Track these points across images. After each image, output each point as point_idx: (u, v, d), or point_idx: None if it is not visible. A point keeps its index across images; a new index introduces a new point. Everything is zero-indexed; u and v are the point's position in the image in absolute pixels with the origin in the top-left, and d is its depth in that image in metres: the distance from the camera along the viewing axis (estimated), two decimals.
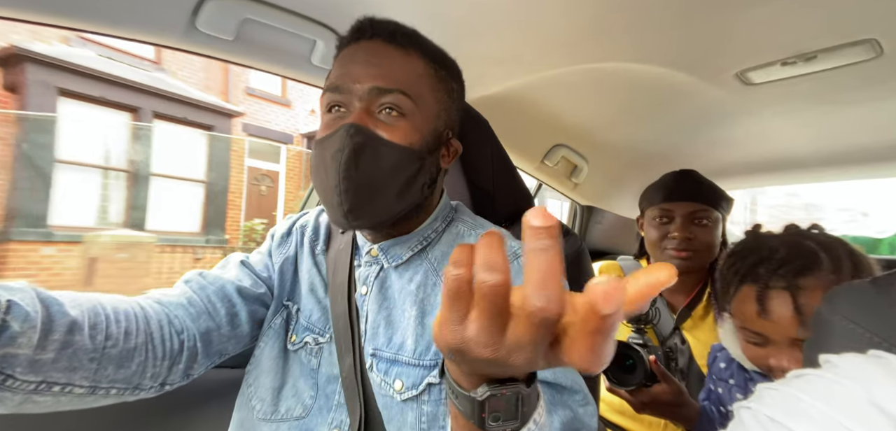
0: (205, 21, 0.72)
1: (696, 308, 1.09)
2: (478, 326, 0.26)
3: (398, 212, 0.57)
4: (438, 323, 0.29)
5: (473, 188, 0.81)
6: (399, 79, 0.55)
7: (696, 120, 1.24)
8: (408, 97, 0.54)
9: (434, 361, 0.55)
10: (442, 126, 0.60)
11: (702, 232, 1.07)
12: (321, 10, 0.78)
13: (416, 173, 0.56)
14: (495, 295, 0.25)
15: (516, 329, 0.26)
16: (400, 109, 0.54)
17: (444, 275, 0.27)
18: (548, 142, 1.38)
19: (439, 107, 0.59)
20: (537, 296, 0.24)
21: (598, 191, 1.70)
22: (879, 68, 0.87)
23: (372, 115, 0.54)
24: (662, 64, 0.94)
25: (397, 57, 0.56)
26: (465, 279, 0.27)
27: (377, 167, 0.53)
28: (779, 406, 0.30)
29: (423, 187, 0.58)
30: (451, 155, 0.63)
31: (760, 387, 0.34)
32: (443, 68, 0.60)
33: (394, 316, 0.58)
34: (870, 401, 0.28)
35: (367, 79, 0.54)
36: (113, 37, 0.73)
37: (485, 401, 0.30)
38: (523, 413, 0.31)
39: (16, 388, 0.44)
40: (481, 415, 0.30)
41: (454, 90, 0.62)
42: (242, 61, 0.84)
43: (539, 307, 0.24)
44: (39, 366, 0.45)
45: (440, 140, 0.60)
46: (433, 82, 0.58)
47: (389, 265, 0.61)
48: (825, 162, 1.46)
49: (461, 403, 0.31)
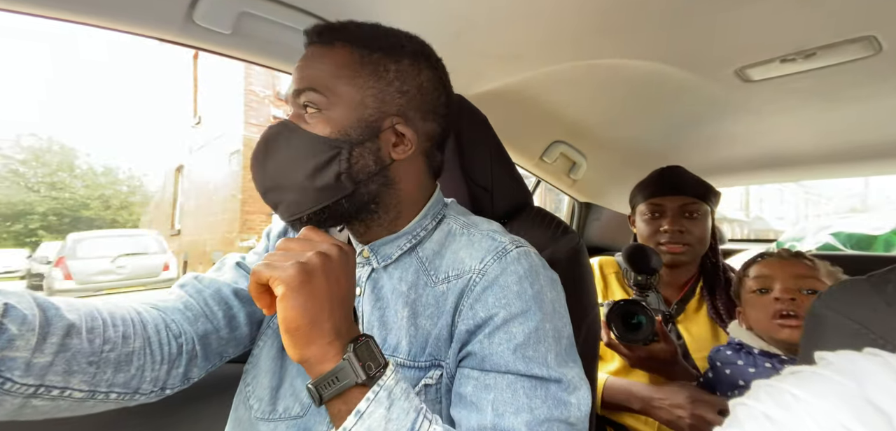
0: (202, 14, 0.72)
1: (689, 302, 1.10)
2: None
3: (314, 201, 0.55)
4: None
5: (471, 184, 0.80)
6: (310, 78, 0.55)
7: (694, 116, 1.24)
8: (317, 92, 0.55)
9: (429, 362, 0.55)
10: (372, 114, 0.55)
11: (692, 225, 1.08)
12: (319, 4, 0.78)
13: (325, 162, 0.54)
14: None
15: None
16: (315, 105, 0.55)
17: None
18: (546, 139, 1.37)
19: (363, 95, 0.55)
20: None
21: (597, 188, 1.70)
22: (878, 65, 0.87)
23: (301, 117, 0.56)
24: (661, 60, 0.93)
25: (318, 54, 0.57)
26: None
27: (284, 154, 0.55)
28: (774, 402, 0.31)
29: (340, 178, 0.54)
30: (406, 144, 0.58)
31: (756, 384, 0.34)
32: (376, 51, 0.56)
33: (387, 316, 0.58)
34: (865, 398, 0.28)
35: (293, 83, 0.57)
36: (110, 30, 0.72)
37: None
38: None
39: (14, 392, 0.44)
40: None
41: (390, 71, 0.57)
42: (239, 55, 0.83)
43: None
44: (37, 369, 0.45)
45: (375, 129, 0.56)
46: (354, 70, 0.55)
47: (379, 264, 0.61)
48: (824, 158, 1.46)
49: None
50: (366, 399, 0.43)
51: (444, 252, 0.59)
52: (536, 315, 0.52)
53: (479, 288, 0.53)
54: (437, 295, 0.56)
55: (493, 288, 0.52)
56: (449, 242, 0.60)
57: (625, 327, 0.95)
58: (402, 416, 0.44)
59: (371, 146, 0.56)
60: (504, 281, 0.53)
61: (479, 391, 0.49)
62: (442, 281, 0.57)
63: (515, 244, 0.57)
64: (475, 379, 0.50)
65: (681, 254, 1.08)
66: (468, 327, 0.52)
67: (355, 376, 0.44)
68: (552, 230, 0.78)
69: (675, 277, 1.13)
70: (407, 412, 0.44)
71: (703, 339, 1.04)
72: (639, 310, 0.94)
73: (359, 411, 0.43)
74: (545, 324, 0.52)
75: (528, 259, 0.55)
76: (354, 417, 0.43)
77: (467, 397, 0.50)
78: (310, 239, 0.50)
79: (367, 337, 0.46)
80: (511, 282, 0.53)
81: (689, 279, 1.13)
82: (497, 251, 0.55)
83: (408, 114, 0.58)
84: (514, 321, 0.51)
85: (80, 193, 16.06)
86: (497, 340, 0.51)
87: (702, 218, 1.09)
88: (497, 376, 0.50)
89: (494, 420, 0.47)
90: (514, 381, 0.49)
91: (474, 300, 0.53)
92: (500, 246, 0.56)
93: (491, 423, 0.47)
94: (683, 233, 1.08)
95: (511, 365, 0.49)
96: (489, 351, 0.50)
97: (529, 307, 0.52)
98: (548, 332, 0.52)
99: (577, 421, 0.50)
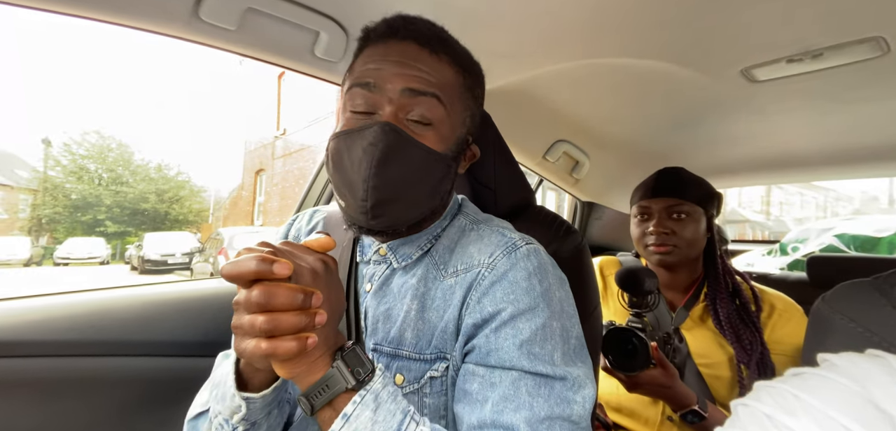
0: (208, 10, 0.72)
1: (693, 307, 1.09)
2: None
3: (416, 216, 0.57)
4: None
5: (475, 183, 0.80)
6: (432, 84, 0.54)
7: (699, 116, 1.23)
8: (440, 102, 0.54)
9: (434, 354, 0.55)
10: (466, 133, 0.60)
11: (680, 227, 1.07)
12: (325, 1, 0.78)
13: (441, 178, 0.56)
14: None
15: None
16: (430, 115, 0.54)
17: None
18: (549, 138, 1.37)
19: (466, 114, 0.59)
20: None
21: (599, 188, 1.70)
22: (886, 66, 0.87)
23: (401, 120, 0.54)
24: (667, 59, 0.93)
25: (429, 61, 0.55)
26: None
27: (408, 168, 0.53)
28: (776, 404, 0.31)
29: (445, 193, 0.58)
30: (468, 159, 0.63)
31: (758, 385, 0.34)
32: (470, 75, 0.60)
33: (393, 310, 0.59)
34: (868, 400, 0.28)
35: (401, 80, 0.53)
36: (116, 25, 0.72)
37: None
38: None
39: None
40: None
41: (478, 96, 0.62)
42: (245, 52, 0.83)
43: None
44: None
45: (463, 146, 0.60)
46: (461, 90, 0.58)
47: (398, 264, 0.61)
48: (830, 159, 1.45)
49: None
50: (352, 403, 0.44)
51: (454, 247, 0.60)
52: (544, 312, 0.52)
53: (487, 282, 0.53)
54: (445, 288, 0.56)
55: (502, 283, 0.53)
56: (460, 237, 0.61)
57: (620, 353, 0.94)
58: (389, 418, 0.44)
59: (458, 163, 0.60)
60: (513, 277, 0.53)
61: (483, 388, 0.50)
62: (451, 274, 0.57)
63: (525, 241, 0.57)
64: (480, 376, 0.50)
65: (667, 255, 1.07)
66: (475, 321, 0.52)
67: (345, 382, 0.45)
68: (555, 229, 0.78)
69: (676, 279, 1.12)
70: (393, 414, 0.45)
71: (707, 349, 1.03)
72: (632, 337, 0.93)
73: (346, 414, 0.44)
74: (553, 322, 0.52)
75: (537, 256, 0.56)
76: (341, 420, 0.44)
77: (472, 393, 0.50)
78: (294, 255, 0.48)
79: (354, 344, 0.47)
80: (520, 278, 0.53)
81: (694, 281, 1.12)
82: (507, 246, 0.55)
83: (475, 134, 0.63)
84: (521, 317, 0.51)
85: (140, 188, 18.33)
86: (503, 335, 0.51)
87: (691, 219, 1.07)
88: (501, 372, 0.50)
89: (494, 416, 0.47)
90: (518, 378, 0.49)
91: (482, 294, 0.53)
92: (510, 242, 0.56)
93: (490, 419, 0.48)
94: (669, 235, 1.07)
95: (516, 361, 0.49)
96: (495, 345, 0.51)
97: (537, 304, 0.52)
98: (555, 330, 0.52)
99: (581, 419, 0.50)
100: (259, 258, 0.41)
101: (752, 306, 1.03)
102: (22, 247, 13.67)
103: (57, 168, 17.17)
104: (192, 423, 0.58)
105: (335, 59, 0.88)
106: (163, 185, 18.73)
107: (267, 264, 0.41)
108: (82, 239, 15.34)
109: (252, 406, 0.49)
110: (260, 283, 0.41)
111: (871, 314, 0.40)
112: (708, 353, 1.02)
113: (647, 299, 1.02)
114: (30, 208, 17.22)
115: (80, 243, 14.68)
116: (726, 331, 1.00)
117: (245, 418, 0.49)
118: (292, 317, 0.41)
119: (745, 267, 2.20)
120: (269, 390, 0.50)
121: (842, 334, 0.42)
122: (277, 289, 0.41)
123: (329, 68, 0.91)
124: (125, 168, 18.47)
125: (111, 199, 17.22)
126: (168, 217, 18.20)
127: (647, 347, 0.91)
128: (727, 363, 0.99)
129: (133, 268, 13.00)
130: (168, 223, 18.05)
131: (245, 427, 0.50)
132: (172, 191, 18.75)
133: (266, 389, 0.50)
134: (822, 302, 0.47)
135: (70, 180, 17.24)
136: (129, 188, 18.01)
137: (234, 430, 0.50)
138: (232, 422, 0.49)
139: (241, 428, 0.50)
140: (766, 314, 1.02)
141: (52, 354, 0.86)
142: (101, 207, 16.87)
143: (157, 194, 18.30)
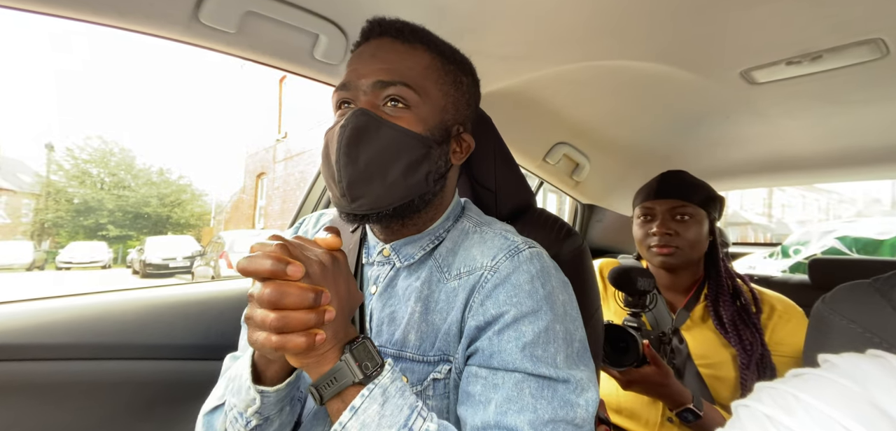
0: (208, 14, 0.72)
1: (694, 308, 1.09)
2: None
3: (399, 198, 0.56)
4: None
5: (476, 185, 0.80)
6: (401, 72, 0.56)
7: (699, 119, 1.23)
8: (410, 88, 0.55)
9: (438, 357, 0.55)
10: (450, 119, 0.60)
11: (682, 228, 1.07)
12: (324, 4, 0.78)
13: (419, 159, 0.56)
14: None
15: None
16: (404, 101, 0.55)
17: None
18: (550, 140, 1.37)
19: (446, 100, 0.59)
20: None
21: (600, 190, 1.70)
22: (886, 68, 0.86)
23: (377, 107, 0.56)
24: (667, 62, 0.93)
25: (402, 50, 0.57)
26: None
27: (378, 147, 0.54)
28: (776, 405, 0.30)
29: (428, 177, 0.57)
30: (462, 151, 0.63)
31: (759, 386, 0.34)
32: (451, 62, 0.61)
33: (397, 312, 0.59)
34: (869, 401, 0.28)
35: (371, 74, 0.56)
36: (116, 28, 0.73)
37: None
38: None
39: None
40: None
41: (464, 83, 0.62)
42: (244, 54, 0.84)
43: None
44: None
45: (448, 133, 0.60)
46: (439, 75, 0.59)
47: (401, 264, 0.61)
48: (831, 162, 1.45)
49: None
50: (361, 396, 0.45)
51: (457, 249, 0.60)
52: (547, 315, 0.52)
53: (490, 284, 0.53)
54: (449, 291, 0.57)
55: (505, 286, 0.53)
56: (462, 240, 0.61)
57: (613, 350, 0.95)
58: (396, 412, 0.45)
59: (445, 149, 0.60)
60: (516, 280, 0.53)
61: (486, 390, 0.50)
62: (454, 277, 0.57)
63: (528, 244, 0.57)
64: (483, 378, 0.50)
65: (670, 256, 1.07)
66: (478, 323, 0.53)
67: (353, 375, 0.45)
68: (556, 231, 0.78)
69: (677, 281, 1.12)
70: (401, 408, 0.46)
71: (707, 350, 1.03)
72: (625, 335, 0.94)
73: (354, 407, 0.45)
74: (556, 325, 0.52)
75: (540, 260, 0.56)
76: (350, 412, 0.45)
77: (475, 395, 0.50)
78: (304, 249, 0.50)
79: (364, 338, 0.48)
80: (523, 281, 0.53)
81: (694, 282, 1.12)
82: (509, 249, 0.56)
83: (467, 124, 0.64)
84: (524, 319, 0.51)
85: (142, 192, 18.46)
86: (506, 338, 0.51)
87: (694, 221, 1.08)
88: (504, 374, 0.50)
89: (498, 418, 0.47)
90: (521, 380, 0.49)
91: (485, 296, 0.53)
92: (513, 245, 0.56)
93: (494, 421, 0.47)
94: (672, 236, 1.07)
95: (518, 364, 0.49)
96: (498, 348, 0.51)
97: (540, 307, 0.52)
98: (558, 333, 0.52)
99: (584, 423, 0.49)
100: (274, 258, 0.42)
101: (752, 307, 1.03)
102: (25, 252, 13.74)
103: (60, 172, 17.33)
104: (208, 418, 0.58)
105: (335, 61, 0.88)
106: (164, 189, 18.91)
107: (281, 265, 0.42)
108: (84, 243, 15.42)
109: (266, 400, 0.50)
110: (272, 281, 0.42)
111: (871, 315, 0.40)
112: (708, 354, 1.02)
113: (645, 298, 1.03)
114: (33, 212, 17.38)
115: (83, 247, 14.75)
116: (729, 332, 1.00)
117: (258, 411, 0.51)
118: (301, 315, 0.42)
119: (747, 270, 2.20)
120: (283, 385, 0.51)
121: (842, 335, 0.41)
122: (289, 288, 0.42)
123: (329, 71, 0.91)
124: (127, 172, 18.63)
125: (113, 204, 17.36)
126: (170, 221, 18.35)
127: (638, 344, 0.92)
128: (727, 363, 0.99)
129: (135, 272, 13.06)
130: (170, 227, 18.23)
131: (258, 421, 0.51)
132: (174, 195, 18.93)
133: (280, 383, 0.51)
134: (823, 303, 0.47)
135: (72, 184, 17.40)
136: (130, 192, 18.16)
137: (248, 423, 0.51)
138: (246, 415, 0.51)
139: (254, 422, 0.51)
140: (767, 315, 1.03)
141: (54, 358, 0.86)
142: (103, 211, 16.99)
143: (158, 198, 18.46)
